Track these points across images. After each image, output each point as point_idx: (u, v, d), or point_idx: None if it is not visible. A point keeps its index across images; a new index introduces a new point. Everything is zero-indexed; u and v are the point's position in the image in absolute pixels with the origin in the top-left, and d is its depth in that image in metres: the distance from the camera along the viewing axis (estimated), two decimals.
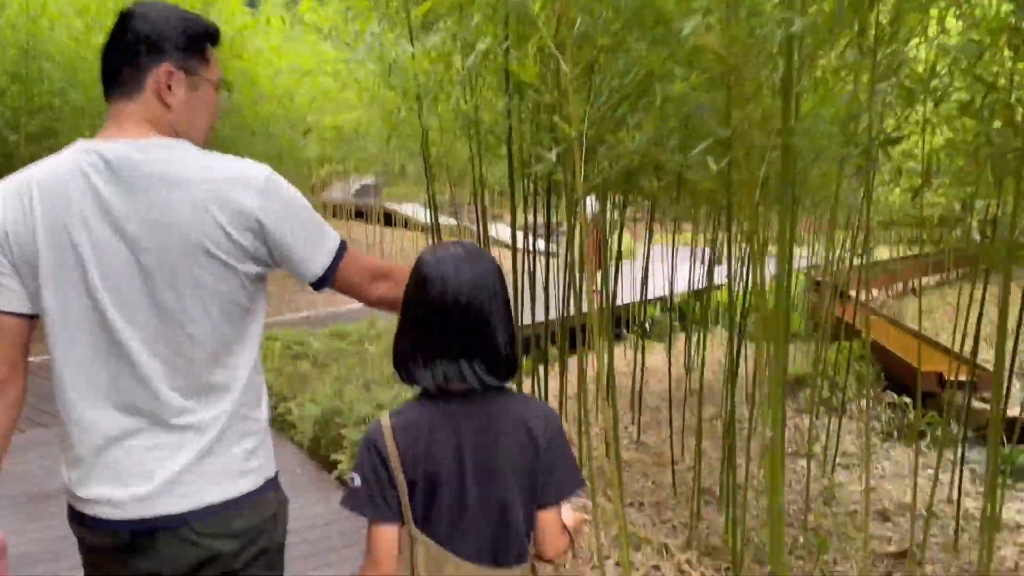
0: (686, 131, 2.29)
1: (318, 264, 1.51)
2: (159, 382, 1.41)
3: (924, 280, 12.16)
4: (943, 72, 2.05)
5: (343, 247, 1.55)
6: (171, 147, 1.42)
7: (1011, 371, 5.09)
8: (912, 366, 6.62)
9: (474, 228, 15.03)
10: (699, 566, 3.86)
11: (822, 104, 2.08)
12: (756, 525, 4.32)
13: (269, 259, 1.47)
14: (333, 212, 16.71)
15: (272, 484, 1.56)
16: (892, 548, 4.12)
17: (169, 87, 1.44)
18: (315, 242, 1.51)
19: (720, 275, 6.55)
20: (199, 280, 1.40)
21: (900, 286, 11.91)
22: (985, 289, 4.11)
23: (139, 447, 1.42)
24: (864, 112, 1.99)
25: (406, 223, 15.96)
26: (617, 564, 3.88)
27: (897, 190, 5.98)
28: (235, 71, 8.51)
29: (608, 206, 5.61)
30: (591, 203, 7.30)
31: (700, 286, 8.05)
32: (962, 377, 6.59)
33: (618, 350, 8.18)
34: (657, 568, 3.85)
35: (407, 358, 1.46)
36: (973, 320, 4.03)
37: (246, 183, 1.42)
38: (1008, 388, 4.41)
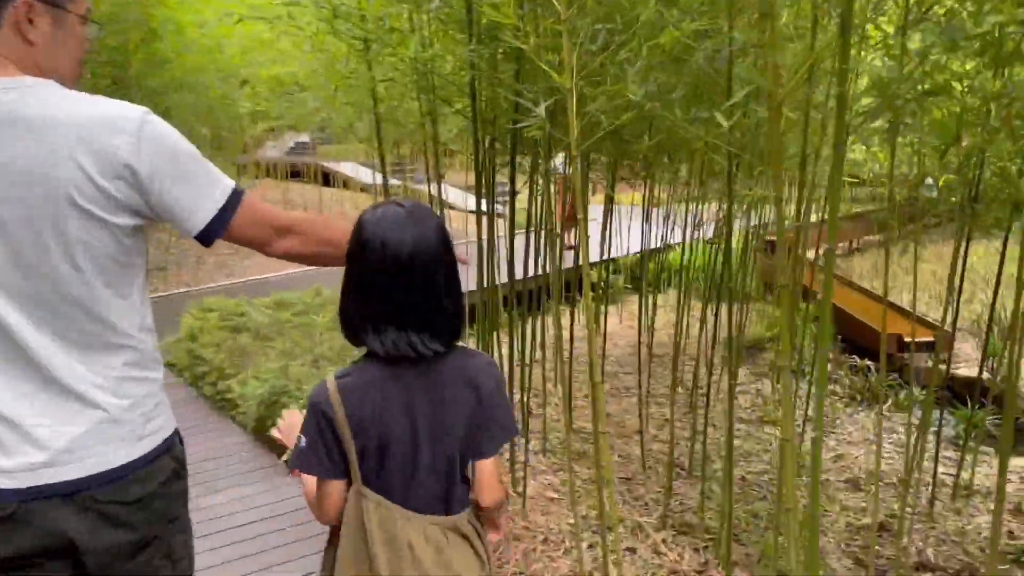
0: (690, 84, 2.03)
1: (202, 217, 1.39)
2: (41, 346, 1.32)
3: (870, 238, 12.28)
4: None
5: (236, 197, 1.43)
6: (34, 88, 1.30)
7: (955, 328, 5.04)
8: (870, 328, 6.59)
9: (419, 189, 14.71)
10: (675, 546, 3.68)
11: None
12: (730, 499, 4.17)
13: (147, 210, 1.36)
14: (267, 171, 16.02)
15: (168, 444, 1.49)
16: (867, 520, 4.02)
17: (30, 21, 1.32)
18: (200, 192, 1.39)
19: (679, 235, 6.34)
20: (66, 234, 1.29)
21: (846, 245, 11.99)
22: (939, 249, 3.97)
23: (29, 414, 1.33)
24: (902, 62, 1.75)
25: (345, 183, 15.39)
26: (591, 547, 3.68)
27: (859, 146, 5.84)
28: (159, 19, 7.86)
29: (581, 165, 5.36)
30: (561, 161, 7.33)
31: (659, 247, 7.91)
32: (922, 339, 6.59)
33: (570, 315, 8.00)
34: (632, 550, 3.66)
35: (354, 322, 1.45)
36: (925, 280, 3.89)
37: (116, 126, 1.30)
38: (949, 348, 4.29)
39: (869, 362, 6.20)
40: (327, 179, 15.79)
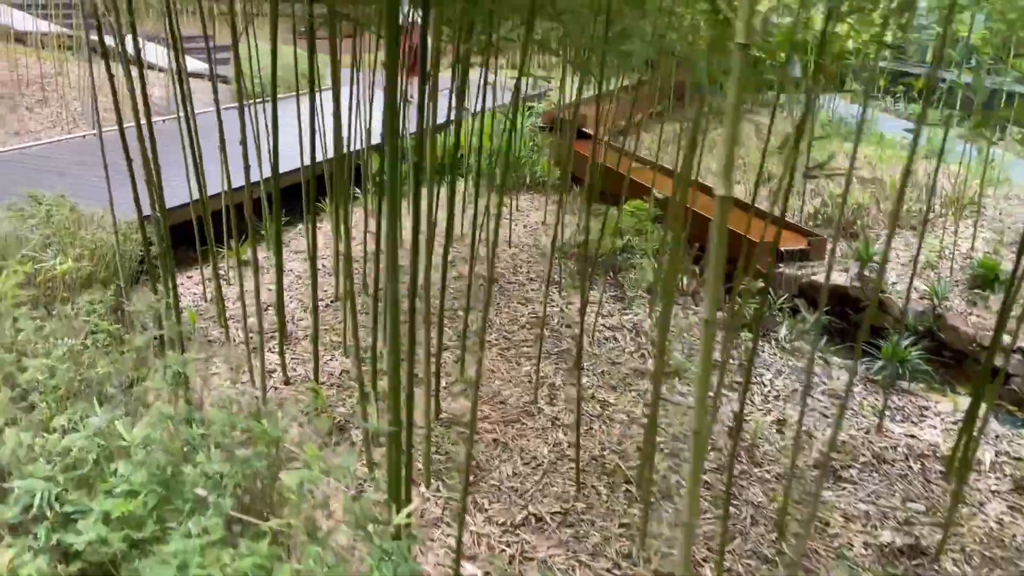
0: None
1: None
2: None
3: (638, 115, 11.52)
4: None
5: None
6: None
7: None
8: (736, 235, 5.65)
9: (91, 38, 10.96)
10: None
11: None
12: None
13: None
14: None
15: None
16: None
17: None
18: None
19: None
20: None
21: (622, 123, 11.14)
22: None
23: None
24: None
25: None
26: None
27: None
28: None
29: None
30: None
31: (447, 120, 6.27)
32: (794, 246, 5.80)
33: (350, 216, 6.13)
34: None
35: None
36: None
37: None
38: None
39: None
40: None
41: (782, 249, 5.46)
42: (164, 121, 8.92)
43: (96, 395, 2.44)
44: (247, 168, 3.60)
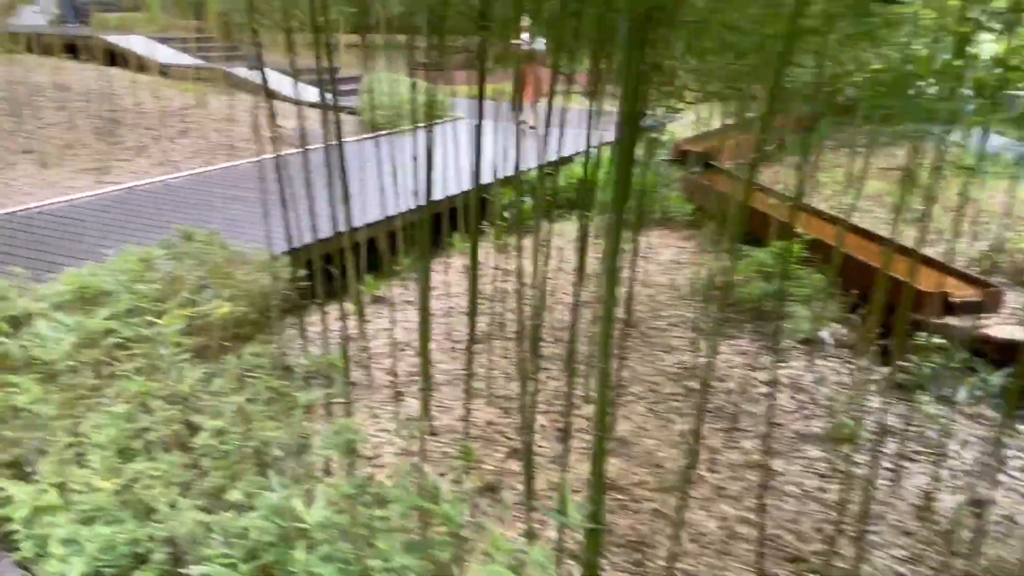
0: None
1: None
2: None
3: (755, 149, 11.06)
4: None
5: None
6: None
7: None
8: (901, 282, 5.20)
9: (226, 71, 11.28)
10: None
11: None
12: None
13: None
14: (28, 46, 12.17)
15: None
16: None
17: None
18: None
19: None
20: None
21: (751, 154, 10.68)
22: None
23: None
24: None
25: (141, 66, 12.01)
26: None
27: None
28: None
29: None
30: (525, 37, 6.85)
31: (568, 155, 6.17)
32: (965, 296, 5.32)
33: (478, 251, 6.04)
34: None
35: None
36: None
37: None
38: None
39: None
40: (113, 58, 12.31)
41: (952, 299, 4.99)
42: (299, 153, 9.15)
43: (266, 461, 2.34)
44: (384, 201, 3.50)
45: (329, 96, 3.44)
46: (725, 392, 4.26)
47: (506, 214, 6.37)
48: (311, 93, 12.13)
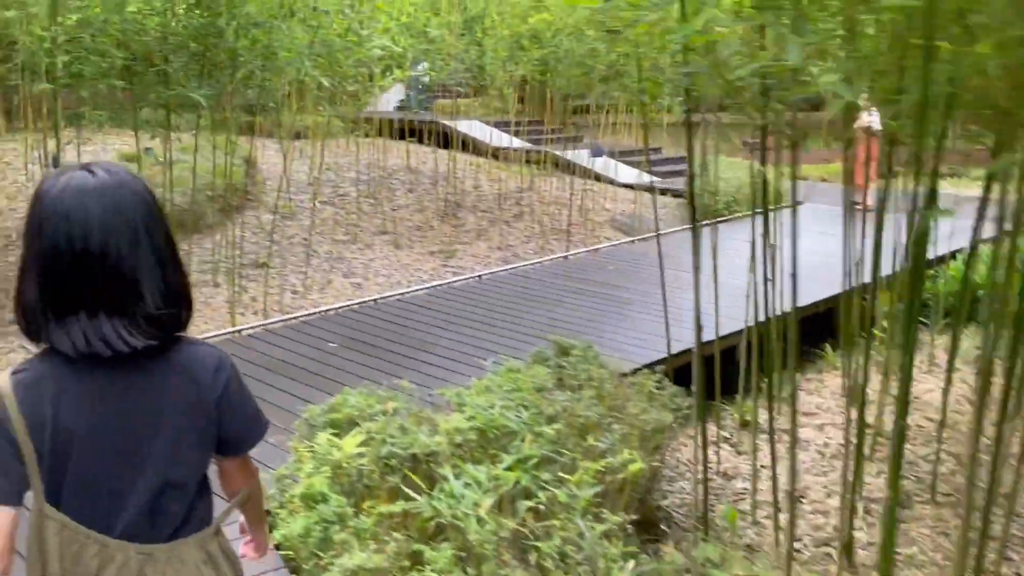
0: None
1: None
2: None
3: None
4: None
5: None
6: None
7: None
8: None
9: (555, 153, 11.11)
10: None
11: None
12: None
13: None
14: (379, 130, 13.16)
15: None
16: None
17: None
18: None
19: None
20: None
21: None
22: None
23: None
24: None
25: (475, 147, 12.56)
26: None
27: None
28: None
29: None
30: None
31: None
32: None
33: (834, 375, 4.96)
34: None
35: (34, 310, 1.20)
36: None
37: None
38: None
39: None
40: (446, 139, 12.99)
41: None
42: (633, 242, 8.80)
43: None
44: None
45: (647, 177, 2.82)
46: None
47: (884, 323, 5.24)
48: (627, 174, 11.68)
